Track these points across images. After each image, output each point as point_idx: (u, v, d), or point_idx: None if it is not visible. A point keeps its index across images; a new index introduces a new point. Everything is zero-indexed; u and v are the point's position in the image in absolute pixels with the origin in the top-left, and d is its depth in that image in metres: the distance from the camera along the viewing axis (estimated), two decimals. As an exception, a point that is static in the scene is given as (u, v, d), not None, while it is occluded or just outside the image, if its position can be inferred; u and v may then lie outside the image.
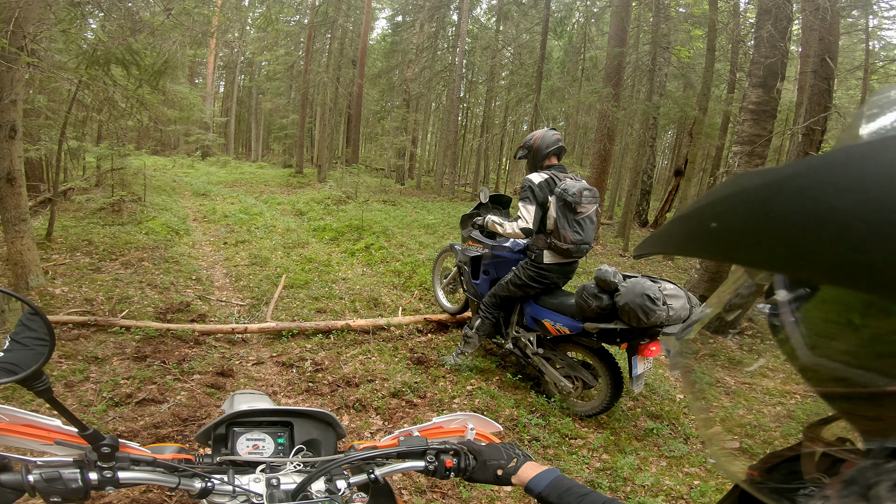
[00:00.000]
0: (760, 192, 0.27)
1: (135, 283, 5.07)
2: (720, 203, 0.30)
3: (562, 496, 0.83)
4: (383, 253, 7.21)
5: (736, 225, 0.28)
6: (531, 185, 3.39)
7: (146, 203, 8.66)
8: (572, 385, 3.42)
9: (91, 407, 2.95)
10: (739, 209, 0.28)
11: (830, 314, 0.31)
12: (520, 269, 3.55)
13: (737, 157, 5.84)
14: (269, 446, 1.01)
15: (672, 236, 0.35)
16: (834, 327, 0.31)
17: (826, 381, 0.33)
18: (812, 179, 0.24)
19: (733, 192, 0.29)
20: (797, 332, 0.33)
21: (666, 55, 11.00)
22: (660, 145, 18.91)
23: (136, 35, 5.54)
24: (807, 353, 0.32)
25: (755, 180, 0.28)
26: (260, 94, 26.90)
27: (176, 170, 16.21)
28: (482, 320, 3.74)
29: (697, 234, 0.31)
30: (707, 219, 0.30)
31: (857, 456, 0.33)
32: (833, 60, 4.84)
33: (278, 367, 3.81)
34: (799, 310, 0.33)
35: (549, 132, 3.58)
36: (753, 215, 0.27)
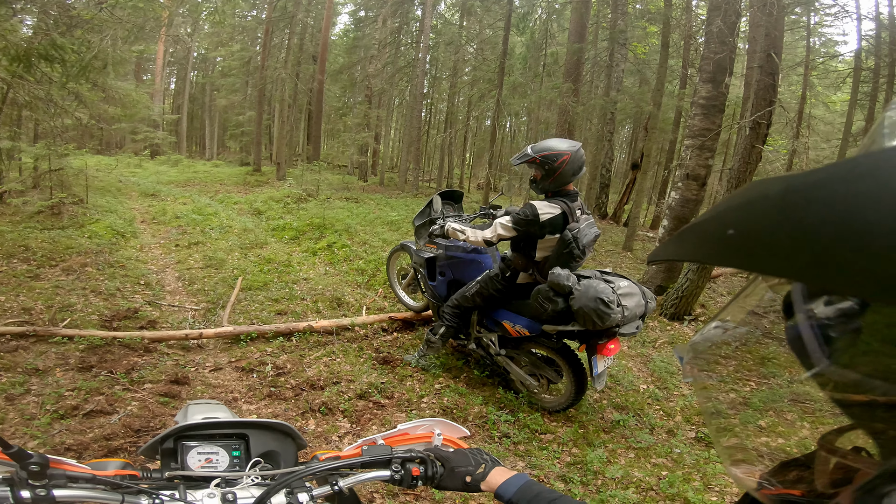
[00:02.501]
0: (783, 199, 0.26)
1: (77, 289, 4.75)
2: (738, 210, 0.29)
3: (531, 502, 0.82)
4: (346, 251, 7.07)
5: (755, 232, 0.27)
6: (534, 218, 2.98)
7: (88, 205, 8.14)
8: (537, 382, 3.40)
9: (34, 420, 2.78)
10: (759, 216, 0.27)
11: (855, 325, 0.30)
12: (488, 282, 3.38)
13: (689, 150, 6.06)
14: (223, 459, 0.96)
15: (687, 243, 0.34)
16: (857, 338, 0.30)
17: (845, 391, 0.32)
18: (837, 188, 0.23)
19: (753, 199, 0.28)
20: (815, 341, 0.32)
21: (623, 51, 11.29)
22: (617, 140, 19.44)
23: (73, 30, 5.21)
24: (824, 361, 0.31)
25: (776, 187, 0.26)
26: (214, 91, 25.88)
27: (121, 169, 15.39)
28: (446, 328, 3.63)
29: (713, 241, 0.30)
30: (724, 225, 0.29)
31: (871, 466, 0.33)
32: (778, 56, 5.07)
33: (238, 373, 3.65)
34: (818, 319, 0.32)
35: (578, 153, 3.02)
36: (774, 223, 0.26)
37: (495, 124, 11.18)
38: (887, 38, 10.14)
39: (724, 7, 5.28)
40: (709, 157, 6.07)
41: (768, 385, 0.42)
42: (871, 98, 10.67)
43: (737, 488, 2.71)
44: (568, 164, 2.97)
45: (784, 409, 0.44)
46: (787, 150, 8.89)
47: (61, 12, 5.22)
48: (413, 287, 4.75)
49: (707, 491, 2.67)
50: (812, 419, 0.39)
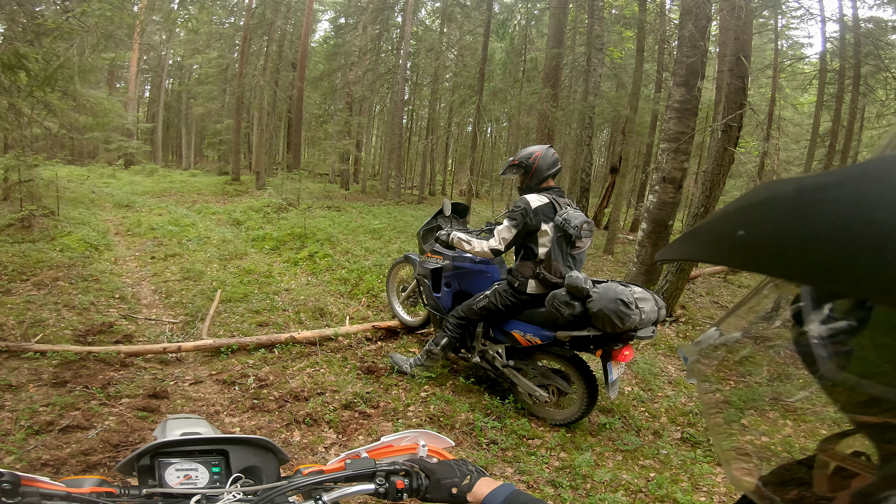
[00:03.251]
0: (794, 200, 0.26)
1: (49, 304, 4.60)
2: (749, 210, 0.29)
3: None
4: (328, 261, 7.00)
5: (765, 233, 0.27)
6: (527, 207, 3.11)
7: (60, 217, 7.91)
8: (547, 394, 3.29)
9: (9, 436, 2.70)
10: (769, 217, 0.27)
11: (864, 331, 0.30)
12: (496, 295, 3.29)
13: (665, 153, 6.17)
14: (202, 476, 0.93)
15: (696, 243, 0.34)
16: (869, 342, 0.30)
17: (857, 398, 0.32)
18: (851, 189, 0.23)
19: (763, 200, 0.28)
20: (824, 348, 0.32)
21: (600, 56, 11.49)
22: (596, 144, 19.74)
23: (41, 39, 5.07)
24: (831, 366, 0.31)
25: (787, 188, 0.26)
26: (191, 99, 25.47)
27: (94, 180, 14.99)
28: (448, 339, 3.52)
29: (723, 242, 0.30)
30: (734, 226, 0.29)
31: (870, 470, 0.33)
32: (747, 59, 5.22)
33: (219, 386, 3.57)
34: (827, 324, 0.32)
35: (548, 151, 3.30)
36: (785, 224, 0.26)
37: (476, 130, 11.25)
38: (851, 40, 10.53)
39: (695, 11, 5.43)
40: (684, 160, 6.20)
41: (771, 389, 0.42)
42: (837, 99, 11.05)
43: (724, 488, 2.75)
44: (541, 159, 3.26)
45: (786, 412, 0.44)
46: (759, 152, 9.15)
47: (28, 21, 5.08)
48: (412, 300, 4.60)
49: (695, 491, 2.70)
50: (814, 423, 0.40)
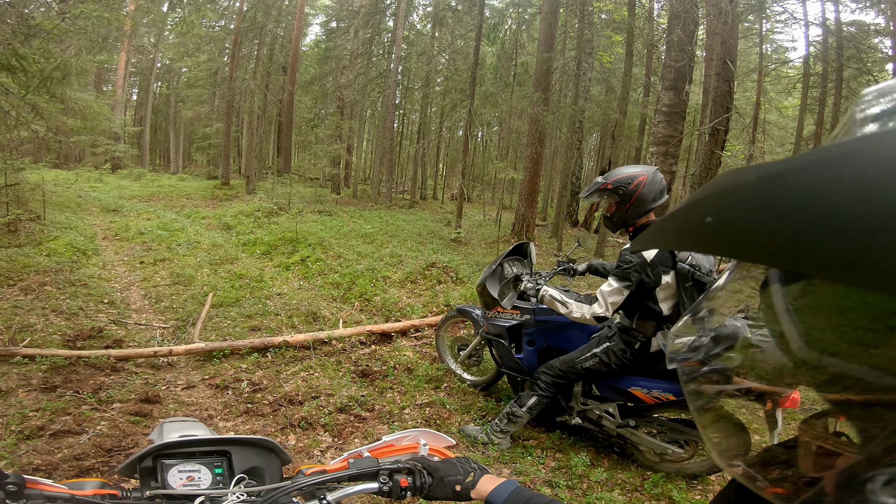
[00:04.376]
0: (757, 187, 0.27)
1: (37, 309, 4.53)
2: (716, 198, 0.30)
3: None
4: (320, 265, 6.97)
5: (732, 219, 0.28)
6: (642, 263, 2.50)
7: (46, 221, 7.79)
8: (682, 449, 2.78)
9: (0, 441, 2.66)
10: (735, 204, 0.28)
11: (826, 308, 0.31)
12: (610, 354, 2.74)
13: (653, 156, 6.26)
14: (205, 477, 0.93)
15: (667, 231, 0.35)
16: (828, 321, 0.31)
17: (821, 375, 0.33)
18: (811, 175, 0.24)
19: (729, 187, 0.29)
20: (793, 325, 0.33)
21: (590, 60, 11.62)
22: (586, 147, 19.93)
23: (32, 40, 5.01)
24: (802, 346, 0.32)
25: (751, 175, 0.27)
26: (180, 102, 25.22)
27: (81, 184, 14.80)
28: (538, 398, 2.94)
29: (692, 229, 0.31)
30: (702, 213, 0.29)
31: (853, 450, 0.34)
32: (733, 63, 5.32)
33: (212, 390, 3.54)
34: (794, 303, 0.33)
35: (656, 175, 2.65)
36: (750, 210, 0.27)
37: (468, 134, 11.29)
38: (834, 44, 10.75)
39: (683, 16, 5.52)
40: (672, 163, 6.29)
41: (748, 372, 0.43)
42: (821, 102, 11.26)
43: (719, 486, 2.78)
44: (646, 185, 2.58)
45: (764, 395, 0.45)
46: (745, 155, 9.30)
47: (19, 21, 5.01)
48: (475, 359, 3.90)
49: (690, 490, 2.73)
50: None
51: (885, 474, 0.29)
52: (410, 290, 6.33)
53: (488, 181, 15.71)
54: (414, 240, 9.17)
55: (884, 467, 0.29)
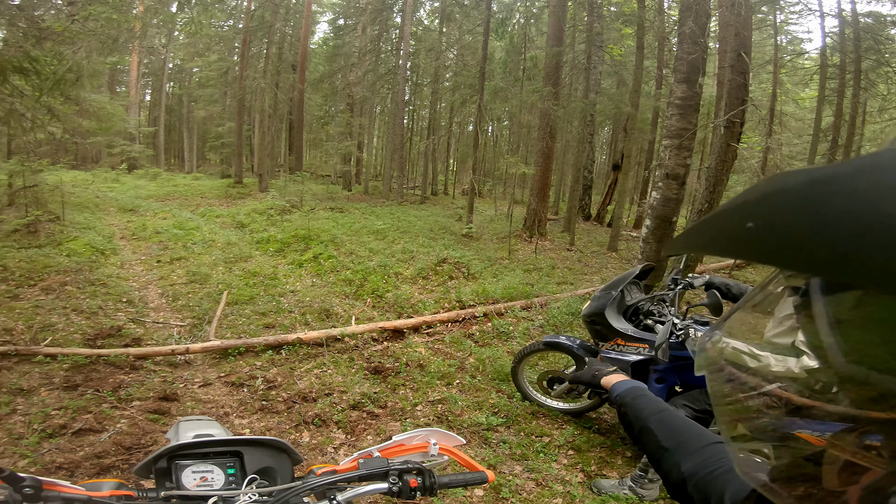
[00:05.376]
0: (805, 192, 0.25)
1: (58, 309, 4.64)
2: (758, 202, 0.28)
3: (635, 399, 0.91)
4: (333, 262, 7.03)
5: (775, 225, 0.26)
6: None
7: (66, 222, 7.95)
8: None
9: (22, 440, 2.74)
10: (779, 209, 0.27)
11: (873, 322, 0.30)
12: None
13: (667, 150, 6.17)
14: (218, 478, 0.95)
15: (705, 236, 0.33)
16: (873, 334, 0.30)
17: (863, 391, 0.32)
18: (863, 180, 0.23)
19: (773, 191, 0.27)
20: (834, 338, 0.31)
21: (600, 54, 11.48)
22: (598, 141, 19.72)
23: (43, 43, 5.10)
24: (843, 360, 0.31)
25: (798, 179, 0.26)
26: (192, 102, 25.50)
27: (98, 185, 15.06)
28: None
29: (732, 235, 0.30)
30: (743, 218, 0.28)
31: (880, 464, 0.32)
32: (748, 55, 5.21)
33: (228, 388, 3.60)
34: (838, 315, 0.31)
35: None
36: (794, 215, 0.25)
37: (478, 129, 11.24)
38: (851, 35, 10.48)
39: (695, 8, 5.42)
40: (687, 156, 6.19)
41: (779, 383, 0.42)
42: (839, 94, 10.99)
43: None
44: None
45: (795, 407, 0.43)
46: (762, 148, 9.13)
47: (30, 24, 5.10)
48: (575, 394, 3.35)
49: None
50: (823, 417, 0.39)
51: None
52: (422, 286, 6.35)
53: (499, 176, 15.63)
54: (425, 235, 9.18)
55: None
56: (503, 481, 2.65)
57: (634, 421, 0.87)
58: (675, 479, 0.72)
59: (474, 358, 4.29)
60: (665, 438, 0.78)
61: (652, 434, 0.81)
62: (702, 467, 0.68)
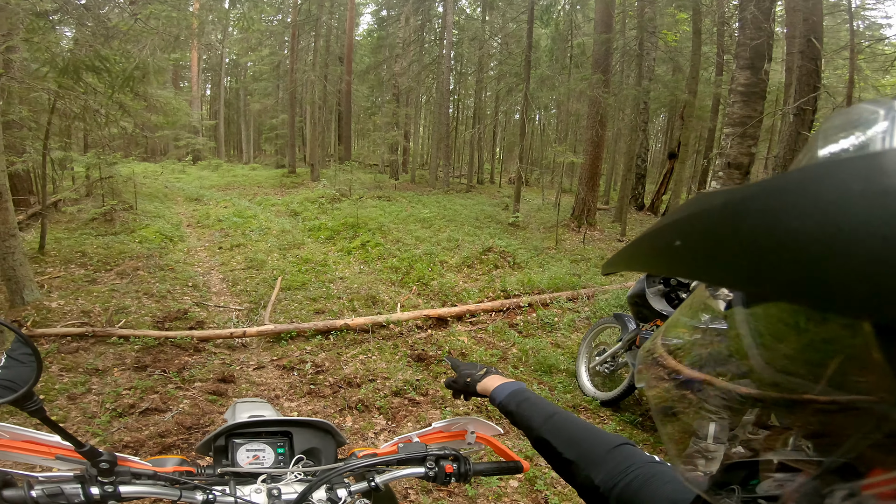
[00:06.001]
0: (722, 212, 0.27)
1: (131, 292, 5.04)
2: (684, 222, 0.30)
3: (520, 405, 0.85)
4: (380, 250, 7.19)
5: (698, 243, 0.28)
6: None
7: (138, 211, 8.59)
8: None
9: (95, 419, 2.96)
10: (702, 228, 0.28)
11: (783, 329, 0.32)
12: None
13: (729, 138, 5.84)
14: (269, 456, 1.01)
15: (639, 254, 0.35)
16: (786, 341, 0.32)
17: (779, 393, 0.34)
18: (770, 201, 0.25)
19: (696, 212, 0.29)
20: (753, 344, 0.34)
21: (653, 40, 10.95)
22: (652, 129, 18.86)
23: (111, 42, 5.46)
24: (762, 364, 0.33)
25: (717, 200, 0.28)
26: (248, 96, 26.67)
27: (167, 175, 16.10)
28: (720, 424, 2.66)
29: (663, 252, 0.31)
30: (672, 237, 0.30)
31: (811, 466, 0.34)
32: (819, 41, 4.82)
33: (279, 371, 3.80)
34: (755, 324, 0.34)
35: None
36: (715, 234, 0.27)
37: (524, 118, 11.06)
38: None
39: (757, -8, 5.06)
40: (751, 144, 5.84)
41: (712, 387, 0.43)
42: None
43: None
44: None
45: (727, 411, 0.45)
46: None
47: (97, 24, 5.48)
48: (609, 367, 3.60)
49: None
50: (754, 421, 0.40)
51: (844, 489, 0.29)
52: (467, 274, 6.39)
53: (547, 165, 15.31)
54: (471, 224, 9.20)
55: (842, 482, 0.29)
56: (538, 473, 2.66)
57: (526, 431, 0.82)
58: (591, 493, 0.66)
59: (517, 348, 4.29)
60: (565, 449, 0.73)
61: (549, 445, 0.75)
62: (616, 476, 0.63)
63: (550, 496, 2.53)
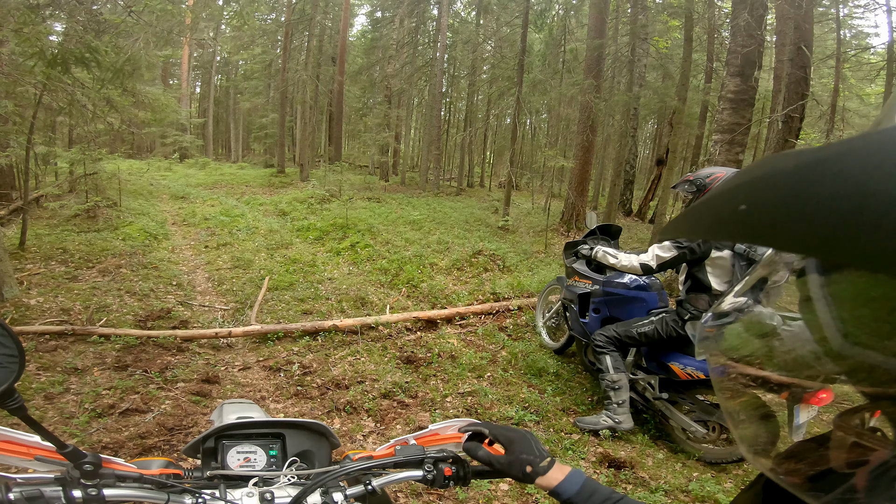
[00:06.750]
0: (795, 175, 0.25)
1: (113, 290, 4.93)
2: (751, 185, 0.28)
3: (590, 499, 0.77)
4: (369, 251, 7.14)
5: (768, 207, 0.26)
6: None
7: (122, 208, 8.43)
8: (706, 430, 2.97)
9: (73, 419, 2.87)
10: (772, 191, 0.26)
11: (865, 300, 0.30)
12: (664, 324, 2.99)
13: (717, 145, 5.90)
14: (260, 459, 0.98)
15: (699, 219, 0.33)
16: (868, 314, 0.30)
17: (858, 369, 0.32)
18: (851, 162, 0.23)
19: (765, 174, 0.27)
20: (829, 316, 0.32)
21: (645, 46, 11.07)
22: (641, 135, 19.06)
23: (101, 35, 5.37)
24: (839, 339, 0.31)
25: (789, 162, 0.26)
26: (238, 94, 26.40)
27: (152, 173, 15.86)
28: (608, 355, 3.15)
29: (726, 217, 0.29)
30: (736, 201, 0.28)
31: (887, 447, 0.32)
32: (808, 49, 4.90)
33: (265, 372, 3.73)
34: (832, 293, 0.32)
35: None
36: (787, 198, 0.25)
37: (516, 122, 11.10)
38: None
39: (750, 1, 5.14)
40: (739, 151, 5.91)
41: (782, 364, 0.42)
42: (909, 89, 10.18)
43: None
44: (720, 182, 2.77)
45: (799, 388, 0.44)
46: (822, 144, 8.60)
47: (89, 18, 5.38)
48: (554, 322, 4.40)
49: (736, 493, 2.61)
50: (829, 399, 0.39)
51: None
52: (457, 277, 6.36)
53: (537, 169, 15.38)
54: (461, 227, 9.19)
55: None
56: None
57: None
58: None
59: (507, 351, 4.27)
60: None
61: None
62: None
63: (541, 499, 2.51)
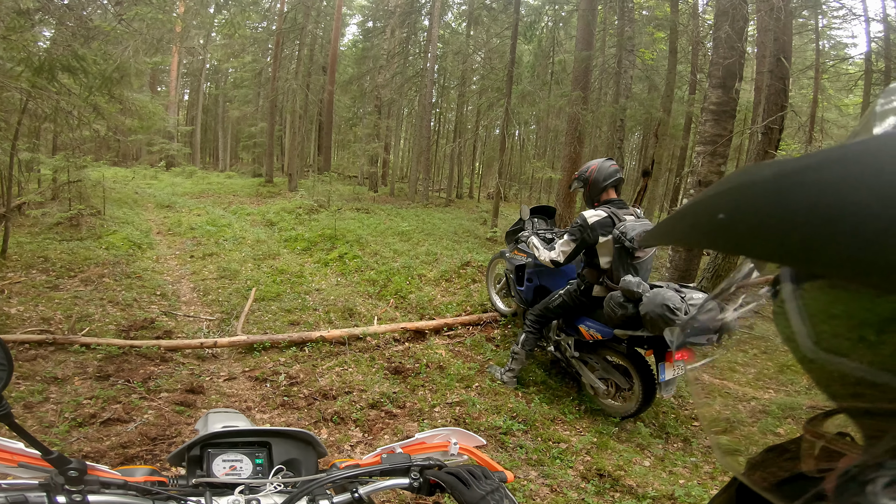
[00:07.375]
0: (773, 184, 0.26)
1: (95, 300, 4.85)
2: (729, 194, 0.29)
3: None
4: (357, 262, 7.11)
5: (745, 216, 0.27)
6: (583, 223, 3.34)
7: (106, 216, 8.31)
8: (605, 387, 3.52)
9: (53, 428, 2.83)
10: (750, 200, 0.27)
11: (837, 308, 0.31)
12: (568, 295, 3.57)
13: (700, 156, 6.02)
14: (246, 467, 0.98)
15: (678, 227, 0.34)
16: (839, 322, 0.31)
17: (828, 375, 0.33)
18: (829, 172, 0.23)
19: (743, 183, 0.28)
20: (802, 324, 0.32)
21: (631, 58, 11.29)
22: (627, 147, 19.33)
23: (91, 42, 5.33)
24: (810, 346, 0.32)
25: (767, 171, 0.27)
26: (227, 102, 26.29)
27: (138, 181, 15.66)
28: (526, 335, 3.79)
29: (704, 225, 0.30)
30: (715, 210, 0.29)
31: (856, 451, 0.33)
32: (787, 60, 5.05)
33: (251, 382, 3.69)
34: (804, 302, 0.32)
35: (605, 163, 3.48)
36: (764, 207, 0.26)
37: (504, 133, 11.22)
38: (896, 40, 10.00)
39: (731, 12, 5.28)
40: (721, 163, 6.03)
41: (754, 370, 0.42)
42: (885, 101, 10.49)
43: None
44: (596, 172, 3.45)
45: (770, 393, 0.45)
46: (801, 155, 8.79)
47: (78, 24, 5.34)
48: (505, 292, 5.00)
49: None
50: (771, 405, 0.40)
51: (886, 476, 0.28)
52: (445, 288, 6.36)
53: (525, 180, 15.52)
54: (450, 238, 9.20)
55: (886, 469, 0.29)
56: (517, 486, 2.63)
57: None
58: None
59: (495, 362, 4.27)
60: None
61: None
62: None
63: (538, 499, 2.50)
